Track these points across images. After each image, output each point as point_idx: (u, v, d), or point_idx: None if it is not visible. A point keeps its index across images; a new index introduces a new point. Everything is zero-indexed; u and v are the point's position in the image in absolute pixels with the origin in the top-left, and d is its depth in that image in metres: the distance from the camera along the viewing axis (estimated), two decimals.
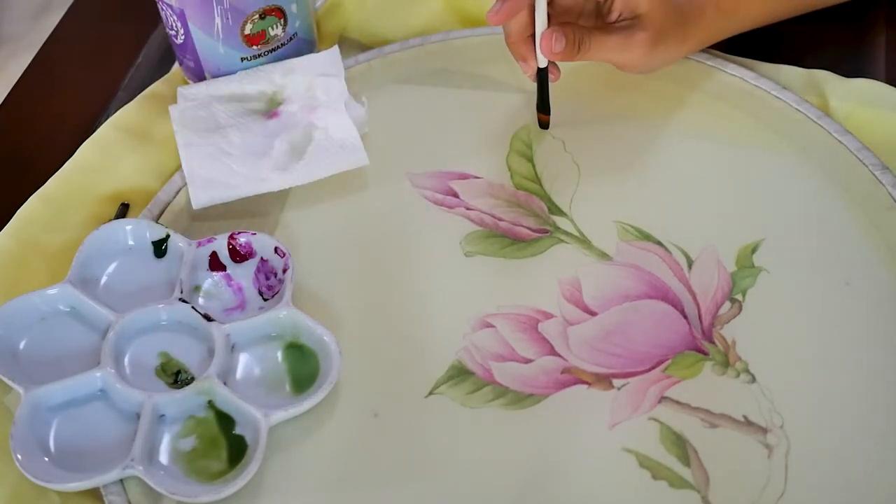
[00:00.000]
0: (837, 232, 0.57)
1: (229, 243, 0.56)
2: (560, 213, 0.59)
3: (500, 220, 0.59)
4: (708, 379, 0.51)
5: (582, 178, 0.61)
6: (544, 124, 0.64)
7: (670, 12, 0.60)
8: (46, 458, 0.49)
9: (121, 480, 0.49)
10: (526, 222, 0.59)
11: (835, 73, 0.64)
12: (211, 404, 0.51)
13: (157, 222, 0.58)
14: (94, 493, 0.49)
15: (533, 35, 0.59)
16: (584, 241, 0.58)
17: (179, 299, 0.54)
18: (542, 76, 0.61)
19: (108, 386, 0.51)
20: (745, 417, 0.49)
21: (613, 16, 0.60)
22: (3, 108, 0.70)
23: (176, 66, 0.70)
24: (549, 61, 0.61)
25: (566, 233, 0.58)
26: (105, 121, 0.65)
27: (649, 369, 0.52)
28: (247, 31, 0.64)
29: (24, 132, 0.69)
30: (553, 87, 0.62)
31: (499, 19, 0.57)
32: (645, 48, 0.59)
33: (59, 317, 0.54)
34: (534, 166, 0.62)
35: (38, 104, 0.71)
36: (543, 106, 0.63)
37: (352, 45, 0.72)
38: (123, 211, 0.61)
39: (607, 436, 0.49)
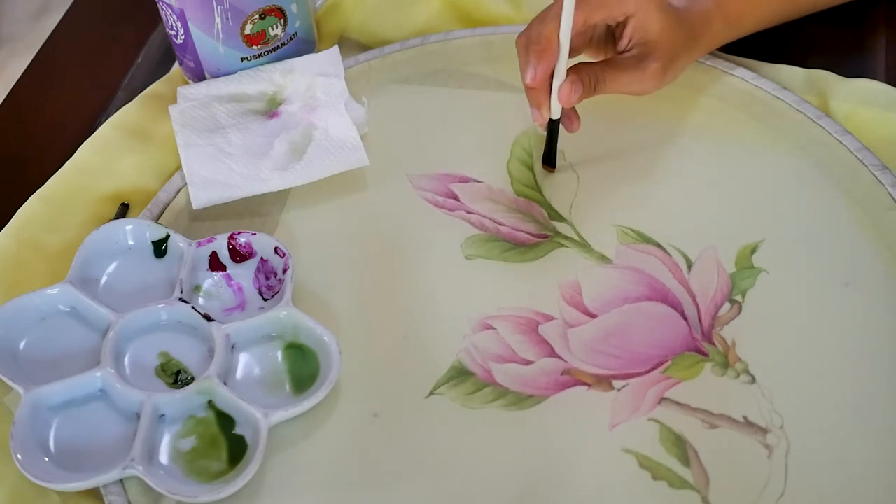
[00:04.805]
0: (837, 232, 0.57)
1: (229, 243, 0.56)
2: (560, 218, 0.59)
3: (500, 224, 0.59)
4: (708, 380, 0.51)
5: (581, 186, 0.61)
6: (549, 171, 0.62)
7: (680, 33, 0.59)
8: (46, 458, 0.49)
9: (121, 480, 0.49)
10: (526, 227, 0.59)
11: (835, 73, 0.64)
12: (211, 404, 0.51)
13: (157, 222, 0.58)
14: (94, 493, 0.49)
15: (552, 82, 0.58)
16: (583, 244, 0.58)
17: (179, 299, 0.54)
18: (552, 128, 0.60)
19: (108, 386, 0.51)
20: (744, 418, 0.49)
21: (624, 42, 0.59)
22: (3, 108, 0.70)
23: (176, 66, 0.70)
24: (572, 111, 0.60)
25: (566, 237, 0.58)
26: (105, 121, 0.65)
27: (649, 370, 0.52)
28: (247, 31, 0.64)
29: (24, 132, 0.69)
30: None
31: (538, 83, 0.56)
32: (657, 77, 0.59)
33: (59, 317, 0.54)
34: (534, 174, 0.62)
35: (38, 104, 0.71)
36: (550, 159, 0.61)
37: (352, 45, 0.72)
38: (123, 211, 0.61)
39: (607, 437, 0.49)
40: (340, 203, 0.61)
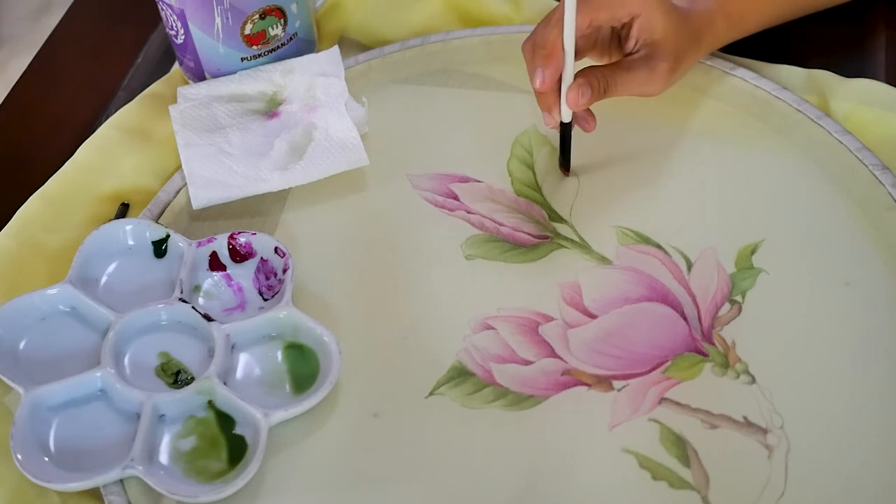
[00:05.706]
0: (837, 232, 0.57)
1: (229, 243, 0.56)
2: (560, 220, 0.59)
3: (500, 224, 0.59)
4: (708, 380, 0.51)
5: (582, 187, 0.61)
6: (565, 174, 0.62)
7: (684, 33, 0.59)
8: (46, 458, 0.49)
9: (121, 480, 0.49)
10: (527, 228, 0.59)
11: (835, 73, 0.64)
12: (211, 404, 0.51)
13: (157, 222, 0.58)
14: (94, 493, 0.49)
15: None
16: (583, 246, 0.58)
17: (179, 299, 0.54)
18: (565, 130, 0.59)
19: (108, 386, 0.51)
20: (745, 418, 0.49)
21: (631, 44, 0.59)
22: (3, 108, 0.70)
23: (176, 66, 0.70)
24: (587, 111, 0.59)
25: (566, 238, 0.58)
26: (105, 121, 0.65)
27: (649, 371, 0.52)
28: (247, 31, 0.64)
29: (24, 132, 0.69)
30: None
31: (546, 87, 0.56)
32: (666, 77, 0.58)
33: (59, 317, 0.54)
34: (534, 174, 0.62)
35: (38, 104, 0.71)
36: (565, 161, 0.61)
37: (352, 45, 0.72)
38: (123, 211, 0.61)
39: (607, 437, 0.49)
40: (340, 203, 0.61)
